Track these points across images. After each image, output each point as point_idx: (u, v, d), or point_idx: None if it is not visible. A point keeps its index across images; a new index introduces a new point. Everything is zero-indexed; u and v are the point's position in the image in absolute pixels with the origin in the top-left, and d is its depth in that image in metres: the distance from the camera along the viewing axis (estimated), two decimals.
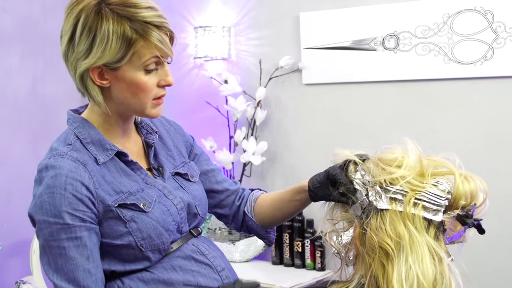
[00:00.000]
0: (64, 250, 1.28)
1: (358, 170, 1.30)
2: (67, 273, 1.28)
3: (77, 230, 1.29)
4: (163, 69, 1.37)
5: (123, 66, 1.32)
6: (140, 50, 1.32)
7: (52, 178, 1.30)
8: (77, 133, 1.39)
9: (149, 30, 1.31)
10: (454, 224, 1.21)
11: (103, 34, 1.30)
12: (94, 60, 1.32)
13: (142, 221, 1.35)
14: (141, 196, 1.37)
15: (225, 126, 2.99)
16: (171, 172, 1.49)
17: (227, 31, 3.01)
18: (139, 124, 1.50)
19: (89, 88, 1.37)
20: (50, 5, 3.29)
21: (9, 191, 3.05)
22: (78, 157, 1.33)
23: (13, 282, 2.93)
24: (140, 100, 1.36)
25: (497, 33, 2.43)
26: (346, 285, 1.28)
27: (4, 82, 3.04)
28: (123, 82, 1.34)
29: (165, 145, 1.53)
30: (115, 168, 1.38)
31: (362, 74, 2.73)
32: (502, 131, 2.48)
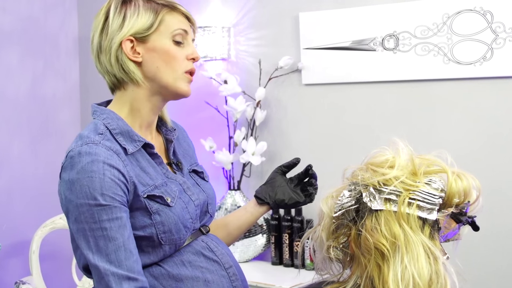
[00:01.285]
0: (106, 231, 1.30)
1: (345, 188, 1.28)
2: (109, 254, 1.29)
3: (118, 210, 1.31)
4: (188, 44, 1.46)
5: (152, 36, 1.41)
6: (168, 20, 1.42)
7: (89, 164, 1.31)
8: (106, 123, 1.41)
9: (173, 4, 1.45)
10: (448, 222, 1.21)
11: (133, 9, 1.41)
12: (127, 30, 1.40)
13: (166, 215, 1.38)
14: (165, 190, 1.41)
15: (224, 126, 2.99)
16: (188, 169, 1.55)
17: (227, 31, 3.01)
18: (158, 122, 1.55)
19: (125, 65, 1.42)
20: (51, 5, 3.30)
21: (8, 191, 3.06)
22: (111, 146, 1.36)
23: (12, 282, 2.93)
24: (173, 68, 1.43)
25: (496, 34, 2.43)
26: (342, 285, 1.28)
27: (4, 82, 3.05)
28: (155, 52, 1.42)
29: (181, 146, 1.60)
30: (142, 160, 1.42)
31: (362, 74, 2.73)
32: (502, 131, 2.47)
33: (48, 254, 3.13)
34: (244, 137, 2.92)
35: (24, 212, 3.12)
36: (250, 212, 1.70)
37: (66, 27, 3.39)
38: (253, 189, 2.99)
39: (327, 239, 1.29)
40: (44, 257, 3.02)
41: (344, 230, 1.27)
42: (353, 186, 1.26)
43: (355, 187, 1.26)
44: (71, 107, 3.42)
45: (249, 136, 2.91)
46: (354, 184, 1.26)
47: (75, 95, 3.44)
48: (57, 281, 3.16)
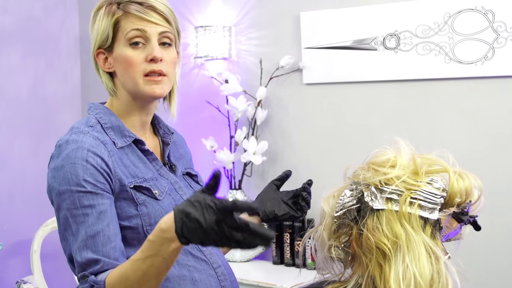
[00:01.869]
0: (87, 217, 1.30)
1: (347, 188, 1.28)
2: (87, 239, 1.30)
3: (99, 197, 1.32)
4: (150, 44, 1.42)
5: (114, 45, 1.42)
6: (123, 25, 1.41)
7: (74, 151, 1.33)
8: (98, 118, 1.45)
9: (129, 5, 1.42)
10: (450, 222, 1.21)
11: (97, 21, 1.44)
12: (93, 44, 1.45)
13: (153, 207, 1.39)
14: (154, 184, 1.42)
15: (225, 125, 2.99)
16: (182, 171, 1.56)
17: (228, 31, 3.01)
18: (156, 125, 1.56)
19: (100, 75, 1.47)
20: (51, 5, 3.30)
21: (10, 191, 3.06)
22: (99, 136, 1.38)
23: (13, 281, 2.93)
24: (130, 75, 1.41)
25: (497, 33, 2.43)
26: (343, 285, 1.28)
27: (5, 82, 3.05)
28: (118, 61, 1.43)
29: (177, 150, 1.61)
30: (132, 154, 1.44)
31: (363, 73, 2.73)
32: (503, 131, 2.47)
33: (49, 253, 3.13)
34: (245, 136, 2.92)
35: (25, 211, 3.12)
36: None
37: (67, 27, 3.39)
38: (255, 189, 3.01)
39: (329, 239, 1.29)
40: (45, 257, 3.02)
41: (345, 230, 1.27)
42: (355, 185, 1.26)
43: (356, 187, 1.26)
44: (72, 108, 3.42)
45: (250, 136, 2.91)
46: (356, 183, 1.26)
47: (76, 96, 3.44)
48: (58, 280, 3.16)
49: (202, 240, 1.08)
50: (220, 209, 1.05)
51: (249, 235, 1.05)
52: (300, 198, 1.68)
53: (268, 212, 1.63)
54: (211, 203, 1.06)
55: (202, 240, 1.08)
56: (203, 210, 1.06)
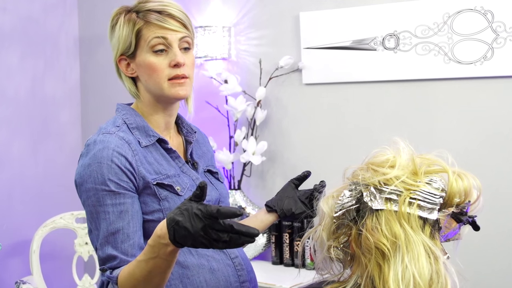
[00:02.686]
0: (108, 215, 1.41)
1: (346, 189, 1.28)
2: (108, 236, 1.41)
3: (121, 196, 1.42)
4: (172, 50, 1.51)
5: (137, 52, 1.51)
6: (145, 34, 1.50)
7: (100, 151, 1.43)
8: (124, 118, 1.54)
9: (149, 14, 1.50)
10: (449, 222, 1.21)
11: (118, 29, 1.52)
12: (115, 52, 1.54)
13: (174, 202, 1.48)
14: (176, 180, 1.51)
15: (225, 126, 2.99)
16: (204, 169, 1.65)
17: (227, 31, 3.01)
18: (180, 124, 1.66)
19: (123, 80, 1.57)
20: (51, 5, 3.30)
21: (9, 191, 3.06)
22: (124, 136, 1.48)
23: (13, 282, 2.93)
24: (155, 80, 1.51)
25: (497, 33, 2.43)
26: (342, 285, 1.28)
27: (4, 82, 3.05)
28: (141, 67, 1.52)
29: (200, 148, 1.70)
30: (156, 153, 1.53)
31: (362, 74, 2.73)
32: (502, 131, 2.47)
33: (48, 253, 3.13)
34: (245, 136, 2.92)
35: (24, 211, 3.12)
36: (260, 220, 1.75)
37: (67, 27, 3.39)
38: (254, 189, 3.01)
39: (328, 239, 1.29)
40: (45, 257, 3.02)
41: (344, 230, 1.27)
42: (354, 186, 1.26)
43: (355, 187, 1.26)
44: (71, 107, 3.42)
45: (250, 136, 2.91)
46: (355, 184, 1.26)
47: (75, 95, 3.44)
48: (58, 280, 3.16)
49: (193, 244, 1.21)
50: (205, 216, 1.18)
51: (235, 234, 1.18)
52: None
53: (285, 210, 1.71)
54: (197, 211, 1.19)
55: (193, 244, 1.21)
56: (190, 218, 1.19)
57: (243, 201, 2.89)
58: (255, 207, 2.89)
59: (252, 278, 1.61)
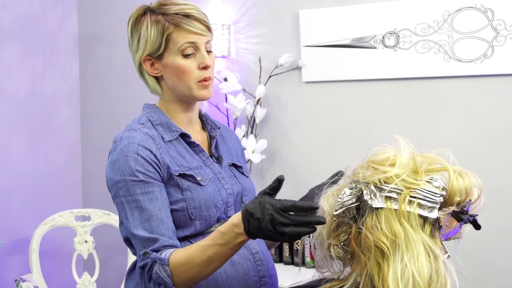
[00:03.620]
0: (140, 203, 1.49)
1: (347, 186, 1.28)
2: (143, 222, 1.48)
3: (149, 185, 1.50)
4: (200, 53, 1.58)
5: (165, 54, 1.57)
6: (175, 38, 1.56)
7: (126, 146, 1.52)
8: (149, 116, 1.62)
9: (178, 19, 1.56)
10: (449, 221, 1.21)
11: (144, 30, 1.58)
12: (141, 52, 1.59)
13: (197, 192, 1.55)
14: (199, 172, 1.58)
15: (224, 124, 2.98)
16: (228, 162, 1.70)
17: (227, 29, 3.00)
18: (204, 121, 1.72)
19: (146, 79, 1.63)
20: (50, 3, 3.29)
21: (8, 189, 3.05)
22: (148, 132, 1.56)
23: (12, 280, 2.93)
24: (184, 82, 1.58)
25: (497, 31, 2.42)
26: (341, 283, 1.27)
27: (4, 80, 3.04)
28: (168, 68, 1.58)
29: (225, 144, 1.75)
30: (180, 147, 1.60)
31: (362, 72, 2.73)
32: (502, 129, 2.47)
33: (48, 251, 3.13)
34: (244, 134, 2.91)
35: (24, 210, 3.12)
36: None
37: (66, 26, 3.38)
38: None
39: (328, 237, 1.29)
40: (44, 255, 3.02)
41: (344, 228, 1.27)
42: (354, 184, 1.26)
43: (355, 185, 1.26)
44: (70, 106, 3.41)
45: (249, 134, 2.91)
46: (355, 182, 1.26)
47: (75, 94, 3.44)
48: (57, 278, 3.16)
49: (264, 236, 1.31)
50: (275, 210, 1.27)
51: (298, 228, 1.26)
52: None
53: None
54: (268, 205, 1.28)
55: (264, 236, 1.30)
56: (262, 211, 1.29)
57: None
58: None
59: (272, 274, 1.65)
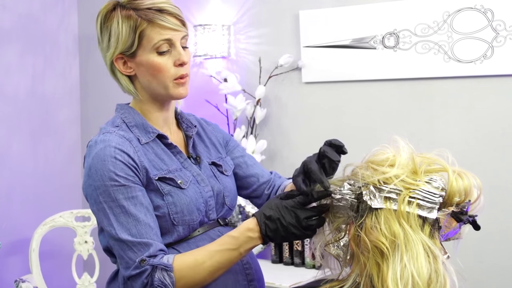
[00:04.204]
0: (124, 209, 1.41)
1: (346, 181, 1.28)
2: (130, 228, 1.41)
3: (132, 190, 1.43)
4: (175, 49, 1.51)
5: (138, 51, 1.49)
6: (149, 35, 1.48)
7: (102, 150, 1.44)
8: (123, 117, 1.55)
9: (151, 14, 1.48)
10: (449, 221, 1.21)
11: (115, 27, 1.49)
12: (113, 50, 1.51)
13: (178, 196, 1.49)
14: (179, 174, 1.52)
15: (224, 124, 2.99)
16: (208, 162, 1.64)
17: (227, 29, 3.00)
18: (180, 119, 1.65)
19: (119, 78, 1.55)
20: (50, 2, 3.29)
21: (8, 189, 3.05)
22: (124, 134, 1.49)
23: (12, 280, 2.93)
24: (160, 80, 1.50)
25: (497, 32, 2.42)
26: (341, 284, 1.28)
27: (4, 80, 3.04)
28: (143, 66, 1.50)
29: (202, 142, 1.68)
30: (157, 148, 1.53)
31: (362, 72, 2.73)
32: (502, 129, 2.47)
33: (48, 252, 3.13)
34: (244, 135, 2.91)
35: (24, 210, 3.12)
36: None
37: (66, 25, 3.39)
38: None
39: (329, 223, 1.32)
40: (44, 255, 3.02)
41: (343, 217, 1.28)
42: (353, 181, 1.26)
43: (354, 183, 1.26)
44: (71, 106, 3.41)
45: (249, 134, 2.91)
46: (354, 180, 1.26)
47: (75, 94, 3.44)
48: (57, 279, 3.16)
49: (283, 237, 1.33)
50: (295, 207, 1.31)
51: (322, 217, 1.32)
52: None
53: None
54: (286, 204, 1.32)
55: (284, 237, 1.33)
56: (280, 211, 1.32)
57: (242, 200, 2.89)
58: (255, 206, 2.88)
59: (260, 278, 1.61)
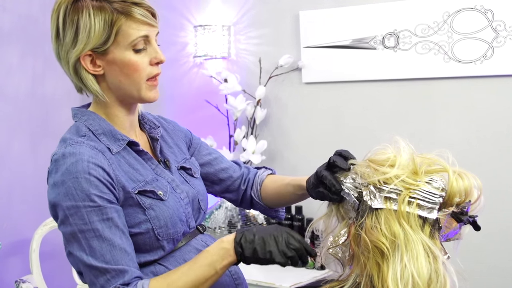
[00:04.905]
0: (98, 232, 1.27)
1: (349, 175, 1.29)
2: (104, 254, 1.27)
3: (108, 211, 1.29)
4: (151, 47, 1.38)
5: (111, 48, 1.33)
6: (126, 30, 1.33)
7: (73, 164, 1.28)
8: (88, 125, 1.39)
9: (127, 7, 1.33)
10: (449, 222, 1.21)
11: (85, 20, 1.32)
12: (82, 46, 1.33)
13: (160, 209, 1.37)
14: (156, 185, 1.39)
15: (224, 125, 2.99)
16: (177, 166, 1.52)
17: (227, 30, 3.01)
18: (141, 120, 1.51)
19: (84, 79, 1.37)
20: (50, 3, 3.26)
21: (8, 190, 3.05)
22: (95, 145, 1.33)
23: (12, 281, 2.93)
24: (134, 80, 1.36)
25: (497, 32, 2.42)
26: (341, 284, 1.28)
27: (4, 81, 3.04)
28: (115, 65, 1.35)
29: (166, 143, 1.55)
30: (129, 157, 1.39)
31: (362, 73, 2.73)
32: (502, 130, 2.47)
33: (48, 252, 3.13)
34: (244, 135, 2.91)
35: (24, 210, 3.12)
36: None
37: None
38: None
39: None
40: (44, 256, 3.01)
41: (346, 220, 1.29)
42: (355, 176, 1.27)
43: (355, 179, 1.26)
44: (71, 106, 3.40)
45: (249, 135, 2.91)
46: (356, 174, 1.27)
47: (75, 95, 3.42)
48: (57, 279, 3.16)
49: (255, 252, 1.25)
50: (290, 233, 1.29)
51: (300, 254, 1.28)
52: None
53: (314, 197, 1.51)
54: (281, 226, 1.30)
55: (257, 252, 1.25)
56: (268, 227, 1.28)
57: None
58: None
59: (244, 282, 1.55)
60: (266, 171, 1.70)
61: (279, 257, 1.27)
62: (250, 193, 1.68)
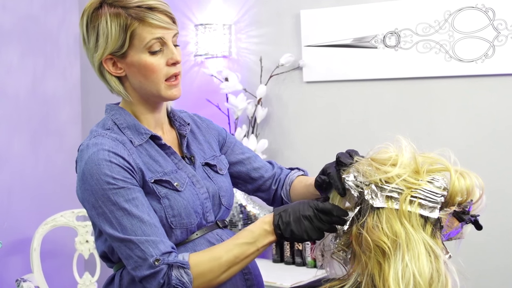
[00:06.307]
0: (126, 211, 1.36)
1: (351, 172, 1.29)
2: (135, 230, 1.36)
3: (132, 191, 1.38)
4: (168, 48, 1.46)
5: (128, 51, 1.44)
6: (140, 34, 1.42)
7: (95, 153, 1.39)
8: (114, 119, 1.49)
9: (141, 12, 1.42)
10: (451, 221, 1.21)
11: (103, 26, 1.43)
12: (102, 50, 1.45)
13: (175, 199, 1.44)
14: (174, 176, 1.47)
15: (225, 124, 2.99)
16: (201, 162, 1.58)
17: (228, 29, 3.00)
18: (172, 118, 1.59)
19: (108, 80, 1.49)
20: (50, 3, 3.29)
21: (9, 189, 3.06)
22: (117, 137, 1.44)
23: (13, 280, 2.93)
24: (152, 81, 1.45)
25: (498, 31, 2.42)
26: (342, 283, 1.28)
27: (4, 80, 3.04)
28: (134, 67, 1.45)
29: (196, 139, 1.62)
30: (151, 150, 1.48)
31: (363, 72, 2.72)
32: (503, 129, 2.47)
33: (49, 251, 3.13)
34: (245, 134, 2.91)
35: (25, 210, 3.12)
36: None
37: (67, 26, 3.38)
38: None
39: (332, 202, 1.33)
40: (45, 255, 3.02)
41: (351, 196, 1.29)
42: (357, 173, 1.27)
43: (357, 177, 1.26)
44: (71, 106, 3.41)
45: (250, 134, 2.91)
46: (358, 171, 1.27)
47: (76, 94, 3.44)
48: (58, 278, 3.16)
49: (293, 233, 1.32)
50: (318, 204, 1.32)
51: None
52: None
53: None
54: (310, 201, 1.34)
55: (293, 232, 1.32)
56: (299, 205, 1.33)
57: (243, 199, 2.89)
58: (256, 205, 2.88)
59: (259, 282, 1.58)
60: (297, 172, 1.75)
61: (316, 234, 1.33)
62: (280, 193, 1.72)
